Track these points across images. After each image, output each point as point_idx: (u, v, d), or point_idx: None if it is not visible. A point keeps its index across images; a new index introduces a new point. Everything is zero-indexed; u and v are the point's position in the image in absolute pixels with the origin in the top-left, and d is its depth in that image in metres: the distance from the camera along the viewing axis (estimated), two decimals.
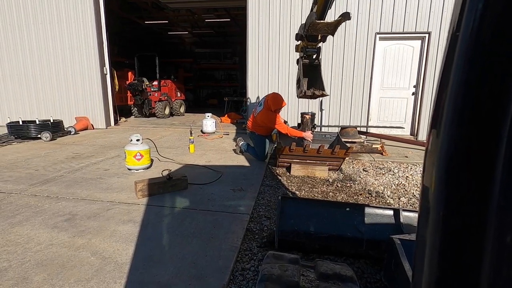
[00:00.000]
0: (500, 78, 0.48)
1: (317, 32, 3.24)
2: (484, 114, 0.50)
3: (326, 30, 3.12)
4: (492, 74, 0.49)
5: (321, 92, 3.52)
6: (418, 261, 0.65)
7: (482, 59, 0.50)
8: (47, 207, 2.86)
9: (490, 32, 0.49)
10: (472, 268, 0.53)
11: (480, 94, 0.51)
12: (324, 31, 3.17)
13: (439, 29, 6.54)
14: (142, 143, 4.04)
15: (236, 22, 13.00)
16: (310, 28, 3.09)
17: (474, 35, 0.50)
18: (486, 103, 0.50)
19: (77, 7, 7.62)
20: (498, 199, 0.49)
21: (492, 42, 0.49)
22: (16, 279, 1.81)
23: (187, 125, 8.55)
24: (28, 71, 8.12)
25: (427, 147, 0.61)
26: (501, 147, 0.48)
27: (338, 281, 1.34)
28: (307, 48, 3.53)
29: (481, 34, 0.50)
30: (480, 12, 0.49)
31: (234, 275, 1.96)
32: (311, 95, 3.54)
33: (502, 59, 0.48)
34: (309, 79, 3.58)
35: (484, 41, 0.50)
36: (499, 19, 0.48)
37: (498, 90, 0.48)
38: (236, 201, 3.05)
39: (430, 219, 0.59)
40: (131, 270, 1.90)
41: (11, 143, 5.99)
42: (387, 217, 2.20)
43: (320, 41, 3.56)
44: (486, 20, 0.49)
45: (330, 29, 3.10)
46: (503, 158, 0.48)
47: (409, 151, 5.61)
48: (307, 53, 3.59)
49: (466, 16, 0.52)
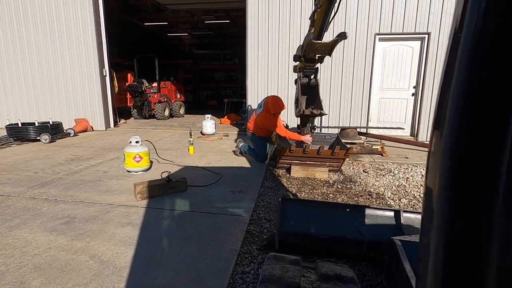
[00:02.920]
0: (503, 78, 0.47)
1: (315, 52, 3.33)
2: (487, 114, 0.49)
3: (323, 50, 3.21)
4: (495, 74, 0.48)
5: (319, 111, 3.66)
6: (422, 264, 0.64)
7: (484, 60, 0.49)
8: (45, 210, 2.84)
9: (492, 32, 0.48)
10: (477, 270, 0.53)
11: (483, 94, 0.50)
12: (322, 52, 3.27)
13: (438, 29, 6.53)
14: (142, 145, 4.03)
15: (236, 23, 13.02)
16: (308, 48, 3.16)
17: (477, 35, 0.50)
18: (489, 103, 0.49)
19: (76, 9, 7.62)
20: (502, 200, 0.48)
21: (495, 42, 0.48)
22: (14, 283, 1.79)
23: (186, 127, 8.54)
24: (27, 72, 8.11)
25: (430, 148, 0.60)
26: (505, 147, 0.47)
27: (339, 282, 1.33)
28: (305, 68, 3.63)
29: (484, 34, 0.49)
30: (483, 12, 0.49)
31: (233, 278, 1.94)
32: (310, 114, 3.63)
33: (504, 59, 0.47)
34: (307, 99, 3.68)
35: (487, 41, 0.49)
36: (501, 19, 0.47)
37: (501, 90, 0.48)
38: (235, 203, 3.04)
39: (434, 220, 0.58)
40: (130, 274, 1.89)
41: (10, 145, 5.98)
42: (388, 219, 2.18)
43: (318, 62, 3.66)
44: (488, 20, 0.48)
45: (327, 50, 3.20)
46: (507, 159, 0.47)
47: (410, 152, 5.60)
48: (305, 73, 3.67)
49: (468, 16, 0.51)
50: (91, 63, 7.83)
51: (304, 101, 3.62)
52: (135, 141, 3.98)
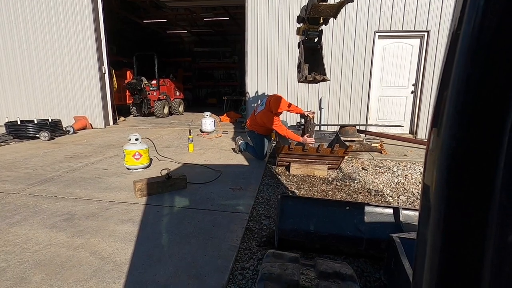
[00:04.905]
0: (502, 76, 0.48)
1: (319, 15, 3.10)
2: (485, 112, 0.50)
3: (328, 12, 2.99)
4: (493, 72, 0.49)
5: (322, 77, 3.37)
6: (419, 260, 0.64)
7: (483, 57, 0.49)
8: (45, 207, 2.84)
9: (492, 29, 0.48)
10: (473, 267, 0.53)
11: (481, 92, 0.50)
12: (327, 13, 3.03)
13: (438, 27, 6.53)
14: (141, 143, 4.03)
15: (235, 20, 12.97)
16: (312, 10, 2.94)
17: (476, 33, 0.50)
18: (488, 101, 0.49)
19: (75, 6, 7.58)
20: (499, 198, 0.49)
21: (494, 40, 0.48)
22: (15, 279, 1.80)
23: (186, 124, 8.53)
24: (26, 70, 8.08)
25: (428, 145, 0.60)
26: (502, 145, 0.48)
27: (338, 279, 1.34)
28: (308, 31, 3.37)
29: (483, 32, 0.49)
30: (482, 9, 0.49)
31: (233, 274, 1.95)
32: (312, 79, 3.40)
33: (504, 57, 0.47)
34: (310, 64, 3.46)
35: (486, 38, 0.49)
36: (501, 16, 0.47)
37: (500, 88, 0.48)
38: (235, 200, 3.05)
39: (431, 218, 0.59)
40: (130, 270, 1.90)
41: (9, 143, 5.97)
42: (387, 216, 2.19)
43: (322, 24, 3.37)
44: (488, 17, 0.48)
45: (333, 12, 2.96)
46: (504, 157, 0.48)
47: (408, 150, 5.61)
48: (308, 36, 3.42)
49: (468, 13, 0.51)
50: (90, 60, 7.80)
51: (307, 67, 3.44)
52: (135, 139, 3.98)
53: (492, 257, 0.50)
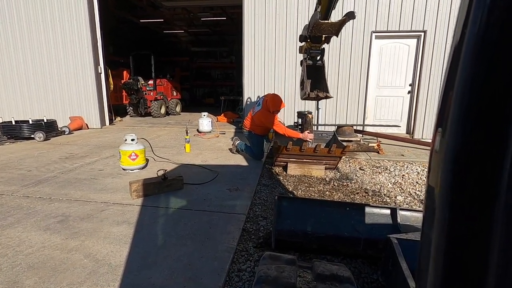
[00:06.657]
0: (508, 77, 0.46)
1: (321, 33, 3.18)
2: (491, 112, 0.48)
3: (330, 30, 3.07)
4: (499, 72, 0.47)
5: (325, 94, 3.49)
6: (423, 262, 0.64)
7: (489, 57, 0.48)
8: (39, 208, 2.80)
9: (498, 28, 0.47)
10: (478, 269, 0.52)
11: (487, 92, 0.49)
12: (328, 32, 3.12)
13: (434, 27, 6.55)
14: (137, 143, 3.99)
15: (232, 20, 12.95)
16: (314, 29, 3.01)
17: (482, 32, 0.49)
18: (493, 101, 0.48)
19: (70, 5, 7.52)
20: (505, 199, 0.48)
21: (500, 39, 0.47)
22: (7, 283, 1.76)
23: (183, 124, 8.49)
24: (20, 70, 7.99)
25: (433, 146, 0.59)
26: (508, 146, 0.47)
27: (336, 282, 1.32)
28: (311, 49, 3.48)
29: (489, 31, 0.48)
30: (488, 8, 0.47)
31: (230, 276, 1.93)
32: (315, 97, 3.49)
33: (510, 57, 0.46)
34: (312, 80, 3.53)
35: (492, 38, 0.48)
36: (507, 15, 0.46)
37: (506, 88, 0.47)
38: (232, 201, 3.02)
39: (436, 219, 0.58)
40: (125, 273, 1.87)
41: (3, 144, 5.90)
42: (384, 216, 2.19)
43: (324, 43, 3.51)
44: (494, 16, 0.47)
45: (334, 30, 3.04)
46: (510, 158, 0.46)
47: (405, 150, 5.62)
48: (310, 54, 3.53)
49: (473, 12, 0.50)
50: (86, 60, 7.74)
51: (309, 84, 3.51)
52: (131, 139, 3.95)
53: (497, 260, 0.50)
